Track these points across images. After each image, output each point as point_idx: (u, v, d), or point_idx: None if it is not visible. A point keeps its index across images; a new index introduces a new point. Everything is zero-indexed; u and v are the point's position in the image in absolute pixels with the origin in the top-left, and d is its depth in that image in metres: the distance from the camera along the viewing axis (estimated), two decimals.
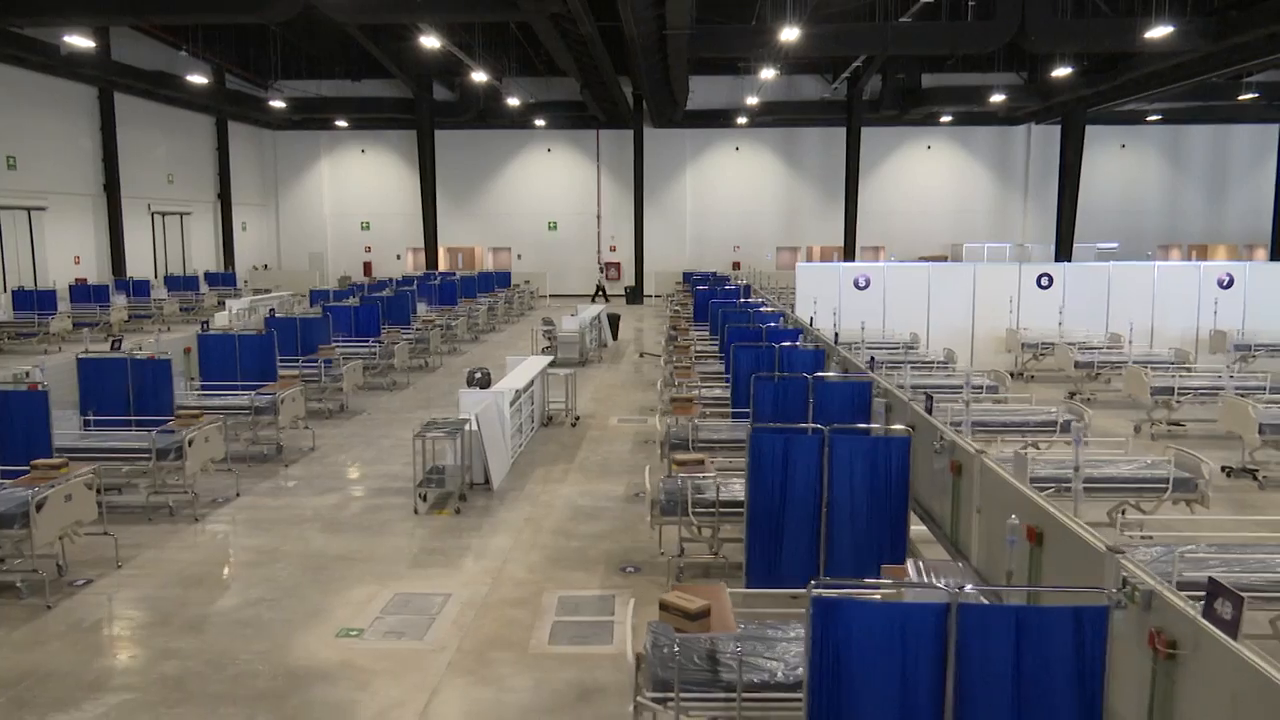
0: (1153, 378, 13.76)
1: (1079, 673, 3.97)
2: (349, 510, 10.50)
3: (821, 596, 4.05)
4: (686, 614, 5.02)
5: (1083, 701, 3.99)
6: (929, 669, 4.02)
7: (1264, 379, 13.82)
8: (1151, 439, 13.84)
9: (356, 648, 7.05)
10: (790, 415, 9.68)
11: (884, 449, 7.23)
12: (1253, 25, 22.20)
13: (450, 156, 40.84)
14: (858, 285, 20.00)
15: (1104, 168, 40.79)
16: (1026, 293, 19.86)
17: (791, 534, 7.34)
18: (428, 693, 6.36)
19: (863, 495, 7.26)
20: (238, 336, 14.31)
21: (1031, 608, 4.03)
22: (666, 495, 8.26)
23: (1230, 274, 19.60)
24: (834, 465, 7.23)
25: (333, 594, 8.08)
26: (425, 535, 9.63)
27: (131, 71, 28.56)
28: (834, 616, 4.06)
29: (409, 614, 7.67)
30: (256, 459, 12.61)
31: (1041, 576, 5.98)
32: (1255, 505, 10.60)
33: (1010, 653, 3.98)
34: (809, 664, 4.07)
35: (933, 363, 16.03)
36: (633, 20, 19.88)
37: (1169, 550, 6.43)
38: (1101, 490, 8.77)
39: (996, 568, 6.78)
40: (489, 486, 11.22)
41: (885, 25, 24.78)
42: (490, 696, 6.32)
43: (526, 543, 9.38)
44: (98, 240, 30.00)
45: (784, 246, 41.81)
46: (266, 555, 9.02)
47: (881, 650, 4.04)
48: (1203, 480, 8.53)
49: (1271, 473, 11.61)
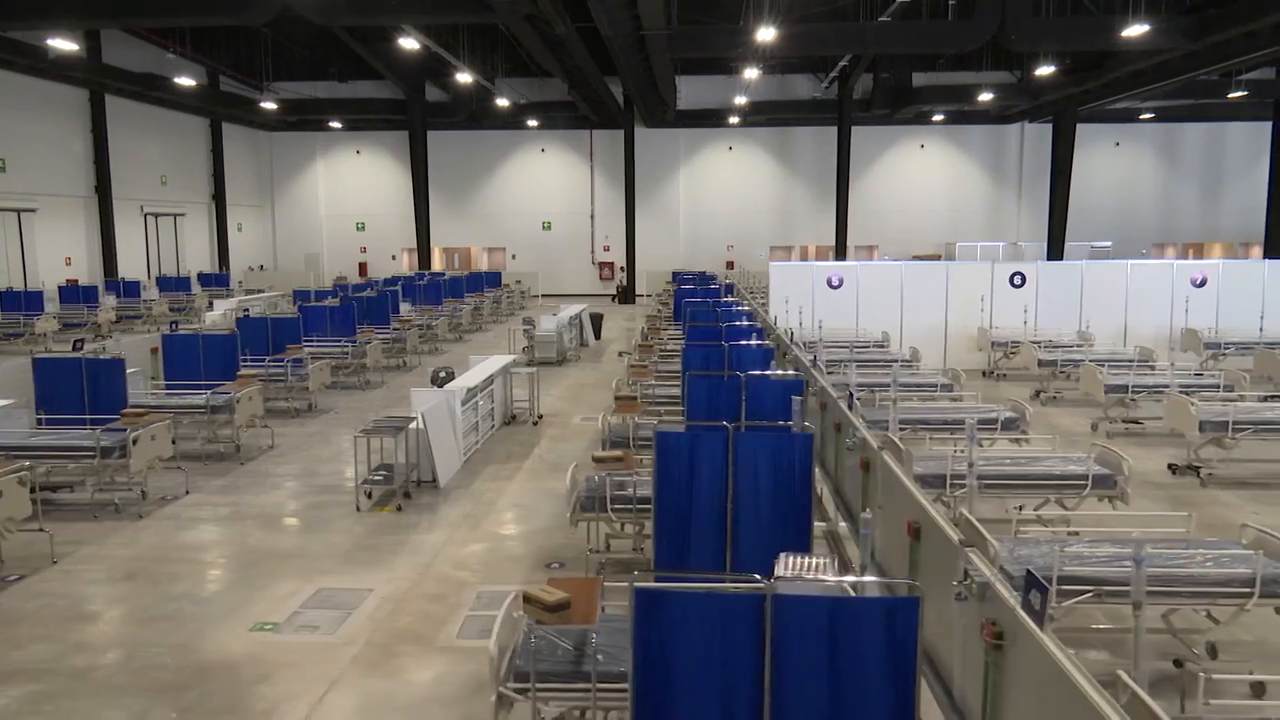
0: (1108, 376, 13.79)
1: (892, 662, 4.07)
2: (293, 508, 10.64)
3: (642, 588, 4.16)
4: (545, 606, 5.14)
5: (897, 690, 4.08)
6: (747, 657, 4.13)
7: (1219, 377, 13.83)
8: (1107, 436, 13.88)
9: (268, 641, 7.19)
10: (724, 413, 9.78)
11: (787, 446, 7.32)
12: (1231, 23, 22.16)
13: (445, 157, 41.07)
14: (831, 284, 20.06)
15: (1098, 166, 40.71)
16: (1000, 292, 19.89)
17: (698, 529, 7.44)
18: (326, 685, 6.49)
19: (767, 491, 7.36)
20: (201, 337, 14.49)
21: (845, 598, 4.13)
22: (587, 492, 8.38)
23: (1204, 273, 19.59)
24: (739, 462, 7.33)
25: (258, 589, 8.22)
26: (362, 532, 9.76)
27: (121, 74, 28.82)
28: (656, 607, 4.16)
29: (328, 609, 7.81)
30: (213, 458, 12.77)
31: (919, 570, 6.09)
32: (1192, 502, 10.64)
33: (824, 641, 4.08)
34: (633, 653, 4.18)
35: (896, 360, 16.08)
36: (606, 21, 19.99)
37: (1052, 545, 6.50)
38: (1026, 487, 8.83)
39: (892, 561, 6.88)
40: (437, 484, 11.35)
41: (864, 25, 24.85)
42: (386, 688, 6.45)
43: (460, 539, 9.51)
44: (89, 242, 30.29)
45: (778, 246, 41.86)
46: (201, 552, 9.17)
47: (702, 639, 4.15)
48: (1122, 477, 8.59)
49: (1216, 470, 11.63)
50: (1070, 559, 6.19)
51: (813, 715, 4.11)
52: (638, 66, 26.05)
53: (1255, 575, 6.11)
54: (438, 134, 40.33)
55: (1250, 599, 6.14)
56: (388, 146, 41.36)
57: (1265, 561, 6.21)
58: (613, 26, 20.65)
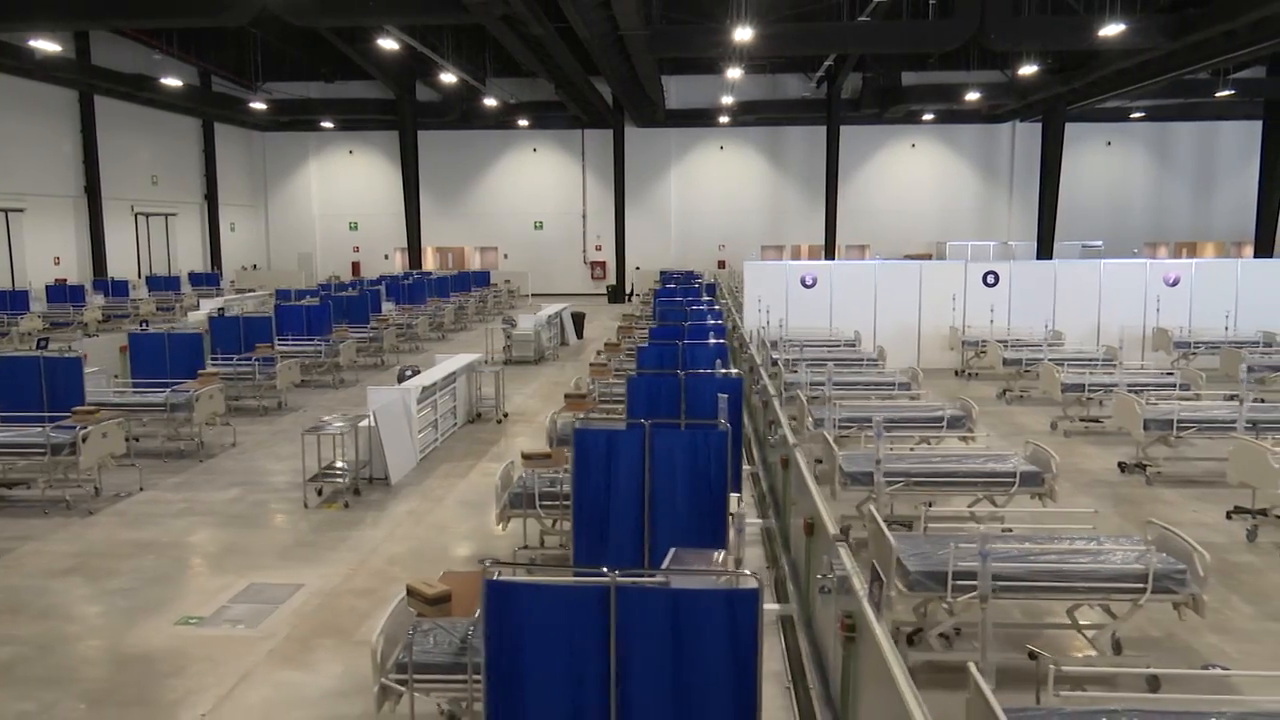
0: (1065, 375, 13.84)
1: (734, 653, 4.15)
2: (243, 504, 10.76)
3: (491, 581, 4.25)
4: (426, 599, 5.24)
5: (740, 681, 4.16)
6: (595, 648, 4.21)
7: (1176, 376, 13.88)
8: (1065, 435, 13.94)
9: (190, 635, 7.30)
10: (664, 410, 9.88)
11: (703, 443, 7.41)
12: (1209, 23, 22.15)
13: (437, 157, 41.22)
14: (805, 284, 20.13)
15: (1090, 165, 40.70)
16: (974, 291, 19.94)
17: (616, 525, 7.53)
18: (238, 677, 6.60)
19: (684, 487, 7.44)
20: (168, 336, 14.63)
21: (686, 590, 4.22)
22: (518, 490, 8.47)
23: (1177, 272, 19.62)
24: (656, 459, 7.42)
25: (191, 584, 8.33)
26: (305, 529, 9.88)
27: (110, 75, 28.99)
28: (505, 600, 4.26)
29: (255, 603, 7.92)
30: (173, 455, 12.90)
31: (813, 564, 6.18)
32: (1134, 500, 10.70)
33: (667, 632, 4.17)
34: (485, 646, 4.27)
35: (862, 360, 16.15)
36: (581, 22, 20.08)
37: (944, 541, 6.57)
38: (955, 485, 8.89)
39: (800, 555, 6.97)
40: (389, 481, 11.46)
41: (844, 25, 24.92)
42: (296, 681, 6.56)
43: (399, 536, 9.62)
44: (78, 241, 30.49)
45: (769, 245, 41.90)
46: (143, 548, 9.29)
47: (550, 631, 4.23)
48: (1049, 475, 8.65)
49: (1162, 468, 11.68)
50: (966, 555, 6.27)
51: (658, 703, 4.20)
52: (620, 67, 26.14)
53: (1148, 571, 6.17)
54: (430, 134, 40.45)
55: (1144, 594, 6.20)
56: (380, 146, 41.52)
57: (1158, 558, 6.28)
58: (589, 27, 20.74)
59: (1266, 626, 7.39)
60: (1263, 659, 6.83)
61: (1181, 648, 7.01)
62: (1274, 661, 6.80)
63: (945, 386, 18.21)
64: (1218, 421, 11.08)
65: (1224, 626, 7.38)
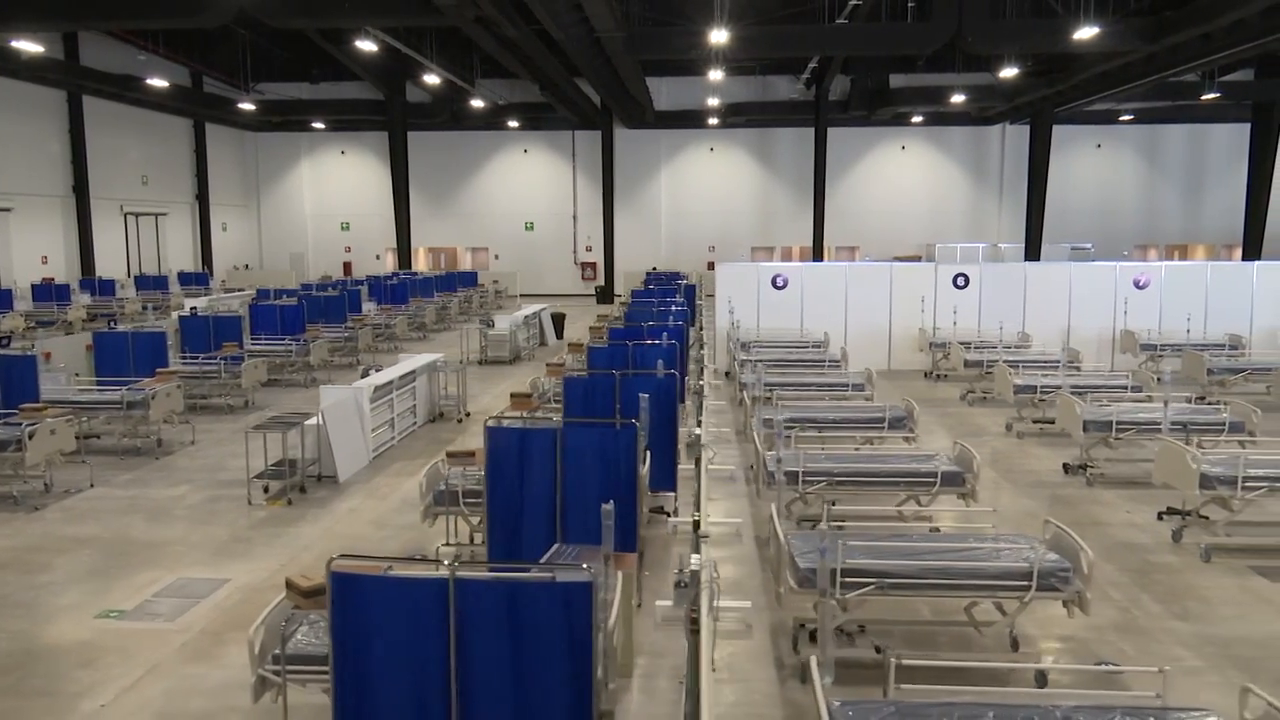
0: (1019, 377, 13.92)
1: (570, 643, 4.27)
2: (189, 501, 10.90)
3: (337, 573, 4.37)
4: (301, 592, 5.36)
5: (576, 668, 4.28)
6: (436, 639, 4.33)
7: (1129, 379, 13.95)
8: (1019, 437, 14.02)
9: (107, 628, 7.43)
10: (599, 410, 10.01)
11: (613, 441, 7.53)
12: (1185, 25, 22.19)
13: (428, 158, 41.41)
14: (776, 285, 20.21)
15: (1080, 168, 40.71)
16: (944, 293, 20.00)
17: (529, 521, 7.65)
18: (145, 669, 6.73)
19: (595, 485, 7.56)
20: (131, 334, 14.80)
21: (523, 581, 4.33)
22: (443, 487, 8.59)
23: (1146, 275, 19.66)
24: (567, 457, 7.54)
25: (120, 578, 8.46)
26: (245, 525, 10.01)
27: (98, 75, 29.19)
28: (351, 591, 4.38)
29: (179, 597, 8.04)
30: (130, 452, 13.04)
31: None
32: (1070, 500, 10.77)
33: (505, 623, 4.28)
34: (332, 635, 4.39)
35: (824, 361, 16.24)
36: (554, 24, 20.20)
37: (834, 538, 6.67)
38: (880, 484, 8.99)
39: None
40: (337, 479, 11.59)
41: (824, 27, 25.00)
42: (200, 673, 6.68)
43: (335, 533, 9.74)
44: (66, 241, 30.72)
45: (759, 246, 41.97)
46: (81, 543, 9.43)
47: (394, 620, 4.35)
48: (970, 475, 8.74)
49: (1105, 469, 11.76)
50: (854, 552, 6.37)
51: (497, 690, 4.32)
52: (601, 68, 26.25)
53: (1032, 569, 6.26)
54: (421, 135, 40.64)
55: (1029, 592, 6.29)
56: (372, 147, 41.70)
57: (1043, 556, 6.37)
58: (563, 29, 20.86)
59: (1169, 625, 7.46)
60: (1157, 657, 6.91)
61: (1080, 645, 7.10)
62: (1165, 659, 6.88)
63: (912, 388, 18.31)
64: (1157, 423, 11.14)
65: (1129, 625, 7.47)
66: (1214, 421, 11.21)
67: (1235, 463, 8.78)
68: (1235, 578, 8.42)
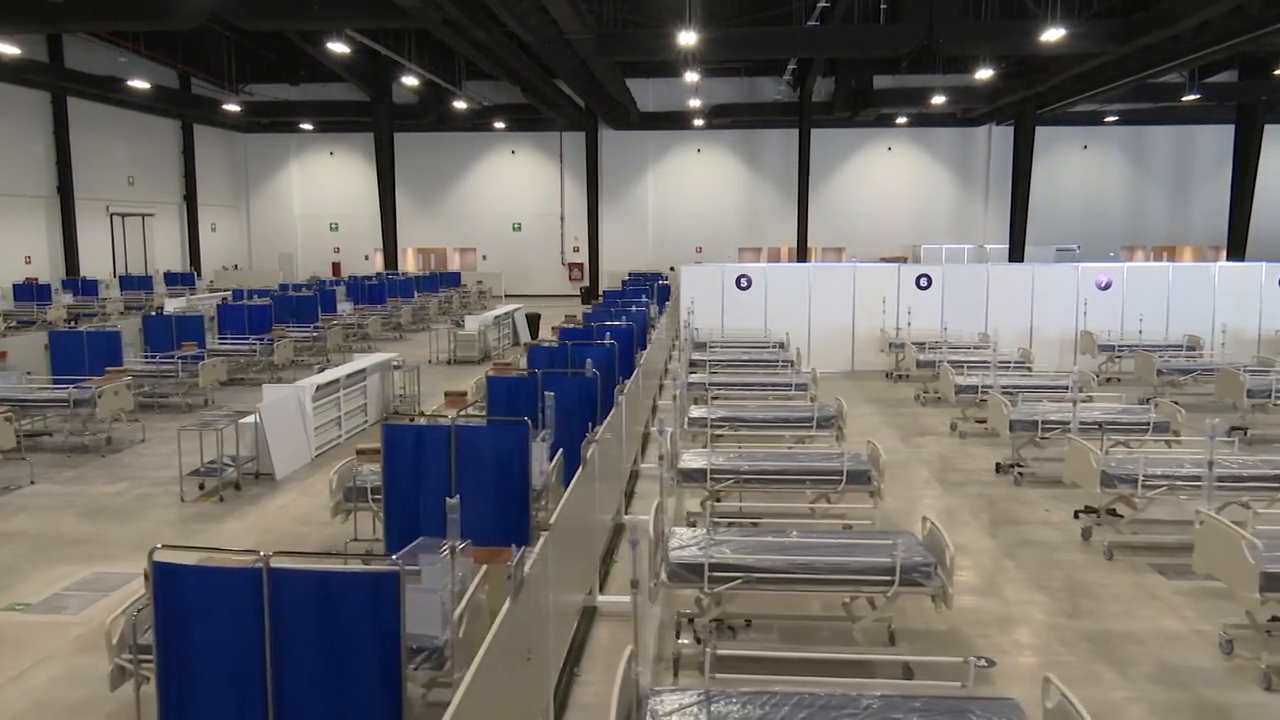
0: (961, 377, 14.02)
1: (380, 631, 4.40)
2: (125, 498, 11.05)
3: (158, 563, 4.51)
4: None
5: (384, 654, 4.41)
6: (252, 624, 4.46)
7: (1071, 379, 14.01)
8: (961, 436, 14.12)
9: (10, 620, 7.59)
10: (522, 409, 10.13)
11: (505, 439, 7.66)
12: (1153, 27, 22.24)
13: (417, 159, 41.62)
14: (740, 286, 20.33)
15: (1067, 169, 40.72)
16: (907, 294, 20.08)
17: (426, 517, 7.78)
18: (35, 660, 6.88)
19: (489, 482, 7.70)
20: (86, 334, 14.98)
21: (334, 571, 4.46)
22: (350, 484, 8.73)
23: (1109, 276, 19.72)
24: (461, 454, 7.68)
25: (35, 573, 8.62)
26: (172, 521, 10.16)
27: (81, 77, 29.42)
28: (171, 581, 4.51)
29: (89, 591, 8.20)
30: (77, 450, 13.22)
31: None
32: (994, 500, 10.87)
33: (316, 612, 4.41)
34: (155, 624, 4.53)
35: (778, 361, 16.34)
36: (520, 27, 20.35)
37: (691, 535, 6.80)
38: (786, 482, 9.10)
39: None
40: (275, 477, 11.74)
41: (795, 29, 25.10)
42: (89, 664, 6.82)
43: (259, 529, 9.88)
44: (50, 241, 30.96)
45: (746, 247, 42.06)
46: (8, 538, 9.59)
47: (212, 609, 4.49)
48: (875, 472, 8.85)
49: (1036, 469, 11.85)
50: (723, 548, 6.49)
51: (311, 675, 4.45)
52: (577, 70, 26.38)
53: (895, 564, 6.37)
54: (409, 136, 40.86)
55: (892, 587, 6.40)
56: (360, 148, 41.90)
57: (907, 553, 6.48)
58: (531, 32, 21.00)
59: (1055, 621, 7.57)
60: (1032, 651, 7.02)
61: (961, 640, 7.20)
62: (1043, 653, 6.99)
63: (871, 388, 18.43)
64: (1082, 423, 11.23)
65: (1013, 620, 7.57)
66: (1139, 422, 11.29)
67: (1137, 462, 8.88)
68: (1133, 575, 8.51)
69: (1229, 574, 6.57)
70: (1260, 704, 6.25)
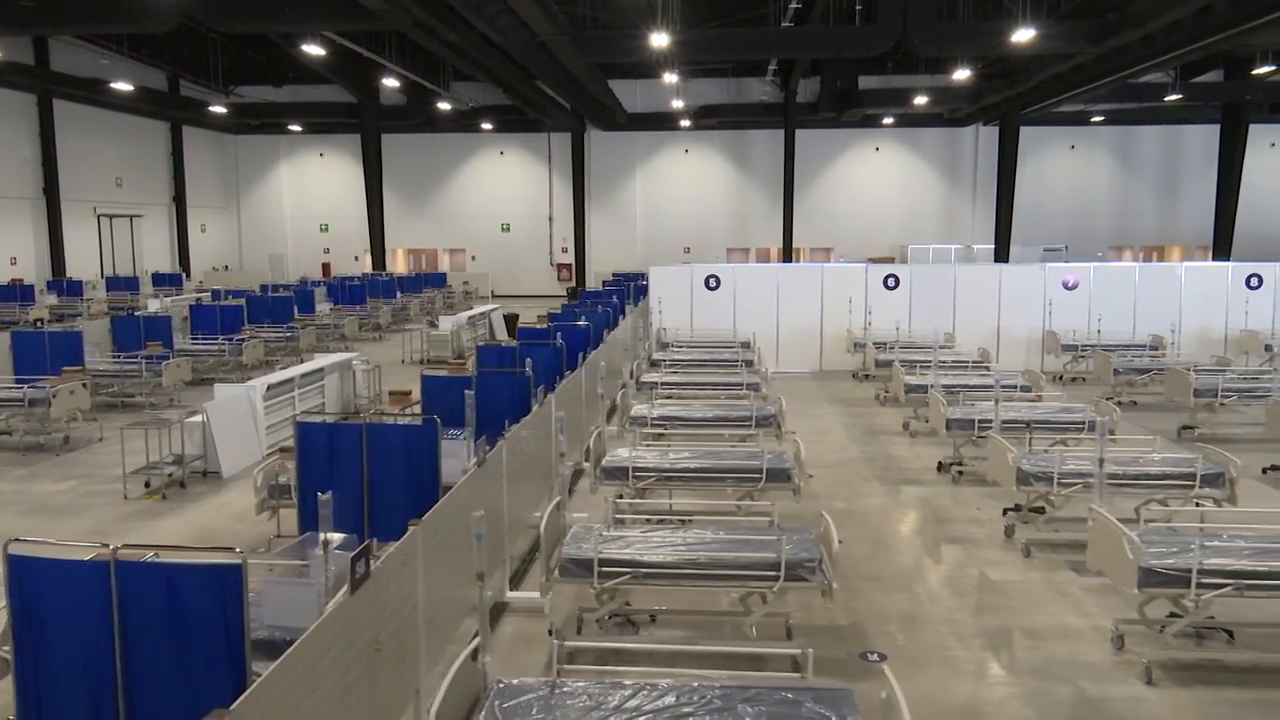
0: (911, 376, 14.11)
1: (225, 622, 4.51)
2: (70, 495, 11.20)
3: (14, 554, 4.63)
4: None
5: (230, 641, 4.53)
6: (101, 615, 4.58)
7: (1019, 379, 14.08)
8: (912, 435, 14.20)
9: None
10: (456, 407, 10.26)
11: (414, 437, 7.79)
12: (1125, 28, 22.28)
13: (405, 160, 41.79)
14: (709, 286, 20.43)
15: (1054, 169, 40.74)
16: (875, 294, 20.16)
17: (339, 514, 7.86)
18: None
19: (400, 479, 7.83)
20: (47, 334, 15.16)
21: (180, 565, 4.57)
22: (273, 481, 8.86)
23: (1076, 276, 19.79)
24: (372, 451, 7.80)
25: None
26: (111, 518, 10.30)
27: (67, 79, 29.62)
28: (25, 572, 4.63)
29: None
30: (32, 449, 13.37)
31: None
32: (928, 499, 10.96)
33: (164, 604, 4.53)
34: (10, 615, 4.65)
35: (738, 361, 16.44)
36: (491, 29, 20.47)
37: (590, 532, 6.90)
38: (712, 480, 9.19)
39: None
40: (221, 475, 11.89)
41: (769, 29, 25.19)
42: None
43: (195, 525, 10.02)
44: (36, 242, 31.18)
45: (734, 248, 42.15)
46: None
47: (64, 601, 4.61)
48: (796, 470, 8.94)
49: (974, 467, 11.93)
50: (611, 544, 6.60)
51: (160, 662, 4.57)
52: (555, 72, 26.50)
53: (779, 560, 6.47)
54: (398, 137, 41.03)
55: (777, 583, 6.50)
56: (349, 149, 42.05)
57: (792, 548, 6.57)
58: (501, 33, 21.12)
59: (956, 617, 7.66)
60: (927, 646, 7.11)
61: (859, 635, 7.30)
62: (935, 649, 7.08)
63: (836, 388, 18.52)
64: (1018, 422, 11.31)
65: (916, 617, 7.66)
66: (1074, 421, 11.37)
67: (1053, 461, 8.96)
68: (1047, 572, 8.60)
69: (1113, 570, 6.66)
70: (1138, 697, 6.34)
